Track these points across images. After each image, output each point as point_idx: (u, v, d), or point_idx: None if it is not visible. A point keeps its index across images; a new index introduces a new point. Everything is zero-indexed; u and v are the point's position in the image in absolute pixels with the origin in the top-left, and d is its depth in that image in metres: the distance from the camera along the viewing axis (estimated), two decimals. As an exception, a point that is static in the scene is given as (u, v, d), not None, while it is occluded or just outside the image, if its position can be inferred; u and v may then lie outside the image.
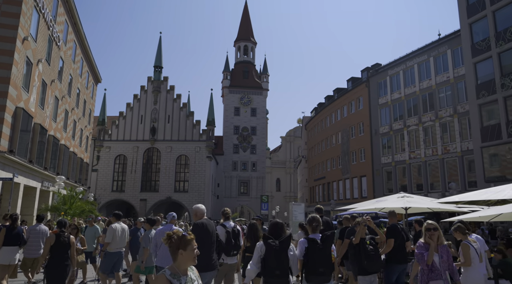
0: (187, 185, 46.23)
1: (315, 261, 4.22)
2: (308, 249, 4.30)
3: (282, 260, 4.19)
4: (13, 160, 16.32)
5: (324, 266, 4.21)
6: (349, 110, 36.66)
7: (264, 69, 59.16)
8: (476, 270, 5.06)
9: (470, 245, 5.13)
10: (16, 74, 16.56)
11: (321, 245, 4.32)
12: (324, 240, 4.38)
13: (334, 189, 38.60)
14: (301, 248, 4.38)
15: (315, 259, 4.22)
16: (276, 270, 4.15)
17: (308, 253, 4.28)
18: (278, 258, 4.18)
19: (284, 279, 4.19)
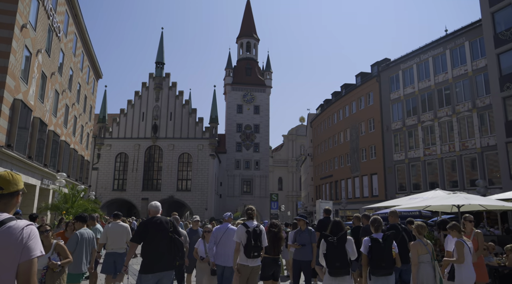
0: (189, 184, 45.36)
1: (379, 257, 4.84)
2: (372, 247, 4.94)
3: (340, 253, 4.89)
4: (11, 156, 15.29)
5: (386, 261, 4.85)
6: (358, 106, 35.60)
7: (267, 66, 58.30)
8: (470, 268, 5.36)
9: (464, 243, 5.37)
10: (14, 63, 15.55)
11: (383, 243, 4.93)
12: (385, 239, 5.00)
13: (343, 187, 37.57)
14: (365, 245, 5.02)
15: (378, 256, 4.85)
16: (336, 262, 4.84)
17: (372, 250, 4.92)
18: (337, 252, 4.89)
19: (344, 269, 4.86)
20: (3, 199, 1.99)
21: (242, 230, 5.51)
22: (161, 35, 50.31)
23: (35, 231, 1.97)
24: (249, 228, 5.52)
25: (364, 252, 4.99)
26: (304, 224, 7.10)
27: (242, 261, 5.43)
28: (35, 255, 1.90)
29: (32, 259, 1.88)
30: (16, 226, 1.90)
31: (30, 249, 1.89)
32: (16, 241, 1.86)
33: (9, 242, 1.85)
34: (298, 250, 6.92)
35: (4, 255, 1.82)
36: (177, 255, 4.77)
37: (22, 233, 1.89)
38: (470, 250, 5.40)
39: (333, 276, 4.86)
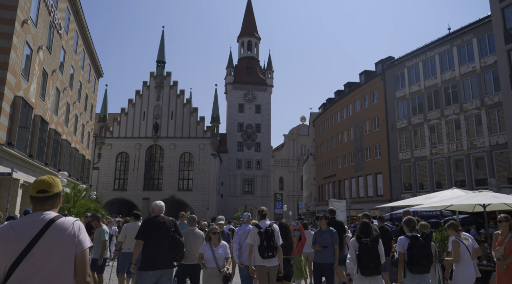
0: (191, 184, 44.99)
1: (419, 255, 4.98)
2: (412, 245, 5.07)
3: (374, 254, 5.07)
4: (11, 154, 14.92)
5: (426, 259, 4.98)
6: (362, 104, 35.21)
7: (269, 65, 57.98)
8: (468, 267, 5.35)
9: (460, 242, 5.43)
10: (15, 59, 15.19)
11: (423, 241, 5.09)
12: (425, 237, 5.20)
13: (346, 187, 37.17)
14: (403, 244, 5.15)
15: (418, 253, 4.99)
16: (370, 262, 5.03)
17: (412, 248, 5.05)
18: (370, 253, 5.06)
19: (377, 270, 5.06)
20: (49, 200, 2.23)
21: (254, 231, 5.56)
22: (162, 33, 49.91)
23: (82, 225, 2.23)
24: (261, 228, 5.52)
25: (402, 251, 5.11)
26: (325, 224, 6.72)
27: (259, 262, 5.46)
28: (87, 246, 2.18)
29: (85, 250, 2.17)
30: (66, 222, 2.16)
31: (82, 241, 2.17)
32: (70, 235, 2.12)
33: (63, 236, 2.11)
34: (319, 252, 6.58)
35: (59, 247, 2.09)
36: (177, 255, 4.91)
37: (73, 228, 2.15)
38: (468, 249, 5.43)
39: (366, 275, 5.07)
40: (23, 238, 2.08)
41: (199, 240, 6.09)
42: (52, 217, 2.16)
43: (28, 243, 2.06)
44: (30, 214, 2.20)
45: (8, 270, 2.04)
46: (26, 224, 2.13)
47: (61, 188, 2.32)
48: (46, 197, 2.22)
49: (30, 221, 2.15)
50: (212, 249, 5.58)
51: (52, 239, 2.10)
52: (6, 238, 2.09)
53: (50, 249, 2.08)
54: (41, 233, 2.09)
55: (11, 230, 2.11)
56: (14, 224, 2.15)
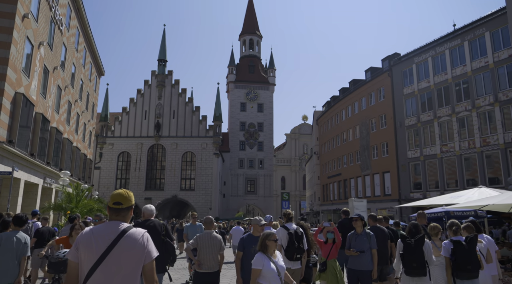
0: (193, 183, 44.47)
1: (464, 260, 4.76)
2: (455, 250, 4.88)
3: (417, 254, 4.97)
4: (12, 152, 14.34)
5: (472, 264, 4.76)
6: (368, 102, 34.60)
7: (271, 63, 57.44)
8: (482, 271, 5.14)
9: None
10: (15, 55, 14.61)
11: (467, 246, 4.87)
12: (469, 241, 4.93)
13: (352, 186, 36.58)
14: (447, 248, 4.97)
15: (462, 258, 4.78)
16: (413, 263, 4.94)
17: (456, 253, 4.85)
18: (413, 253, 4.98)
19: (421, 270, 4.94)
20: (122, 212, 2.45)
21: (283, 232, 5.49)
22: (163, 32, 49.33)
23: (149, 236, 2.45)
24: (290, 230, 5.52)
25: (447, 255, 4.98)
26: (361, 226, 6.10)
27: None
28: (154, 256, 2.40)
29: (153, 259, 2.39)
30: (137, 233, 2.37)
31: (150, 252, 2.39)
32: (140, 245, 2.34)
33: (134, 246, 2.32)
34: (355, 258, 5.93)
35: (130, 255, 2.31)
36: (168, 259, 4.93)
37: (143, 239, 2.37)
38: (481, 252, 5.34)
39: (410, 276, 5.01)
40: (101, 244, 2.31)
41: (216, 245, 5.44)
42: (124, 228, 2.39)
43: (105, 249, 2.29)
44: (106, 223, 2.44)
45: (88, 272, 2.27)
46: (104, 232, 2.36)
47: (133, 201, 2.53)
48: (120, 209, 2.46)
49: (106, 229, 2.38)
50: (273, 262, 4.10)
51: (124, 247, 2.31)
52: (87, 243, 2.32)
53: (122, 256, 2.30)
54: (116, 241, 2.31)
55: (92, 236, 2.34)
56: (94, 231, 2.39)
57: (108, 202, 2.52)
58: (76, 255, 2.34)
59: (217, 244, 5.43)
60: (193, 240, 5.46)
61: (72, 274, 2.33)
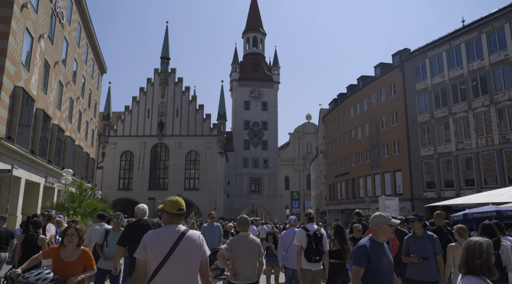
0: (197, 183, 43.72)
1: None
2: None
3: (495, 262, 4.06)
4: (12, 149, 13.55)
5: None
6: (378, 98, 33.66)
7: (275, 61, 56.64)
8: None
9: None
10: (14, 46, 13.82)
11: None
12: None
13: (361, 185, 35.66)
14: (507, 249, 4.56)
15: None
16: None
17: None
18: None
19: (501, 279, 4.34)
20: (182, 217, 2.90)
21: (302, 233, 5.45)
22: (166, 29, 48.76)
23: (203, 237, 2.91)
24: (310, 231, 5.42)
25: None
26: (420, 227, 5.20)
27: (304, 265, 5.38)
28: (208, 254, 2.85)
29: (207, 257, 2.84)
30: (195, 235, 2.83)
31: (205, 251, 2.84)
32: (198, 245, 2.79)
33: (194, 245, 2.77)
34: (417, 267, 4.96)
35: (190, 254, 2.74)
36: None
37: (199, 239, 2.83)
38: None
39: None
40: (165, 244, 2.69)
41: (254, 250, 4.56)
42: (183, 230, 2.79)
43: (169, 249, 2.68)
44: (168, 226, 2.81)
45: (156, 269, 2.63)
46: (167, 233, 2.75)
47: None
48: (181, 214, 2.88)
49: (169, 231, 2.77)
50: None
51: (185, 247, 2.73)
52: (154, 244, 2.70)
53: (184, 255, 2.71)
54: (178, 241, 2.72)
55: (157, 238, 2.72)
56: (158, 233, 2.76)
57: (165, 208, 2.87)
58: (144, 254, 2.68)
59: (255, 249, 4.57)
60: (226, 245, 4.62)
61: (141, 271, 2.66)
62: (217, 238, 8.62)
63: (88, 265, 4.02)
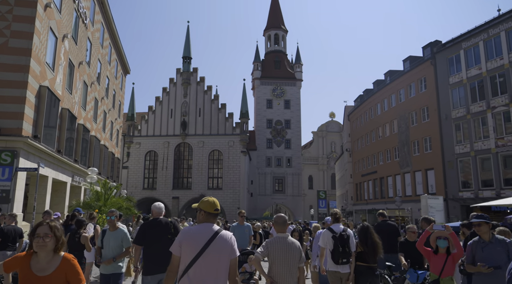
0: (220, 182, 43.46)
1: None
2: None
3: None
4: (38, 148, 13.49)
5: None
6: (407, 93, 32.26)
7: (297, 58, 55.73)
8: None
9: None
10: (38, 46, 13.73)
11: None
12: None
13: (389, 185, 34.34)
14: None
15: None
16: None
17: None
18: None
19: None
20: (217, 216, 3.12)
21: (328, 235, 5.35)
22: (187, 29, 48.61)
23: (234, 238, 3.07)
24: (336, 233, 5.32)
25: None
26: (488, 231, 4.42)
27: (332, 267, 5.30)
28: (238, 254, 3.02)
29: (237, 256, 3.00)
30: (227, 234, 3.00)
31: (236, 250, 3.00)
32: (229, 244, 2.96)
33: (226, 244, 2.94)
34: (485, 277, 4.25)
35: (222, 252, 2.90)
36: None
37: (230, 239, 3.00)
38: None
39: None
40: (199, 241, 2.87)
41: (295, 254, 3.98)
42: (217, 230, 2.98)
43: (202, 246, 2.85)
44: (203, 224, 3.02)
45: (189, 264, 2.83)
46: (202, 231, 2.95)
47: None
48: (217, 214, 3.09)
49: (204, 229, 2.97)
50: None
51: (218, 245, 2.90)
52: (189, 241, 2.91)
53: (216, 252, 2.88)
54: (211, 239, 2.89)
55: (192, 235, 2.94)
56: (192, 230, 2.98)
57: (203, 207, 3.04)
58: (179, 250, 2.90)
59: (295, 254, 3.98)
60: (262, 248, 4.03)
61: (175, 265, 2.90)
62: (247, 239, 8.17)
63: (72, 280, 2.64)
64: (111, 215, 5.46)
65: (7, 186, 11.69)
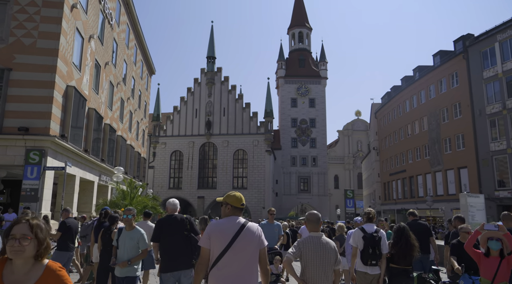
0: (245, 182, 43.37)
1: None
2: None
3: None
4: (65, 147, 13.71)
5: None
6: (437, 89, 30.97)
7: (322, 56, 54.88)
8: None
9: None
10: (65, 46, 13.95)
11: None
12: None
13: (419, 184, 33.10)
14: None
15: None
16: None
17: None
18: None
19: None
20: (242, 210, 3.18)
21: (359, 234, 5.18)
22: (211, 28, 49.00)
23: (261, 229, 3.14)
24: (367, 233, 5.13)
25: None
26: None
27: (361, 268, 5.12)
28: (266, 244, 3.08)
29: (265, 246, 3.07)
30: (254, 226, 3.08)
31: (263, 241, 3.06)
32: (256, 235, 3.03)
33: (254, 236, 3.01)
34: None
35: (250, 243, 2.98)
36: (193, 254, 4.74)
37: (258, 230, 3.07)
38: None
39: None
40: (228, 234, 2.95)
41: (330, 256, 3.63)
42: (243, 222, 3.05)
43: (231, 238, 2.93)
44: (230, 217, 3.08)
45: (219, 256, 2.90)
46: (229, 224, 3.02)
47: None
48: (243, 208, 3.18)
49: (231, 222, 3.04)
50: None
51: (246, 237, 2.97)
52: (217, 233, 2.97)
53: (244, 243, 2.95)
54: (239, 232, 2.97)
55: (220, 228, 3.00)
56: (220, 223, 3.05)
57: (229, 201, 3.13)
58: (208, 243, 2.96)
59: (331, 255, 3.64)
60: (294, 248, 3.68)
61: (205, 258, 2.97)
62: (275, 238, 7.80)
63: None
64: (127, 214, 5.11)
65: (35, 185, 11.94)
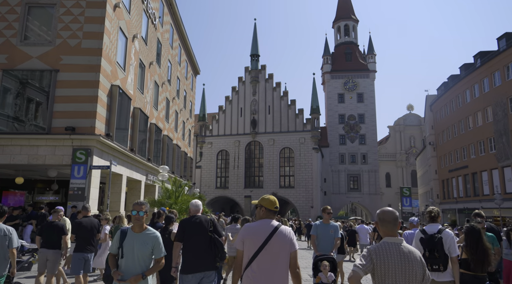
0: (292, 180, 42.45)
1: None
2: None
3: None
4: (111, 147, 13.74)
5: None
6: (504, 76, 27.90)
7: (370, 48, 52.46)
8: None
9: None
10: (109, 45, 13.99)
11: None
12: None
13: (484, 180, 30.10)
14: None
15: None
16: None
17: None
18: None
19: None
20: (276, 213, 3.26)
21: (417, 236, 4.74)
22: (254, 26, 48.50)
23: (293, 232, 3.23)
24: (426, 234, 4.64)
25: None
26: None
27: None
28: (297, 247, 3.15)
29: (297, 249, 3.14)
30: (286, 228, 3.16)
31: (295, 244, 3.13)
32: (288, 238, 3.11)
33: (285, 238, 3.09)
34: None
35: (282, 245, 3.06)
36: (217, 256, 4.62)
37: (290, 233, 3.14)
38: None
39: None
40: (260, 236, 3.06)
41: (415, 270, 2.55)
42: (276, 225, 3.14)
43: (264, 240, 3.03)
44: (264, 220, 3.18)
45: (252, 257, 3.03)
46: (262, 227, 3.13)
47: None
48: (276, 211, 3.27)
49: (264, 225, 3.14)
50: None
51: (278, 239, 3.06)
52: (251, 236, 3.10)
53: (276, 245, 3.04)
54: (272, 234, 3.06)
55: (254, 231, 3.14)
56: (254, 226, 3.17)
57: (264, 205, 3.24)
58: (242, 245, 3.11)
59: (417, 269, 2.56)
60: (363, 260, 2.61)
61: (240, 259, 3.12)
62: (331, 242, 6.60)
63: None
64: (138, 209, 3.68)
65: (82, 184, 12.01)
